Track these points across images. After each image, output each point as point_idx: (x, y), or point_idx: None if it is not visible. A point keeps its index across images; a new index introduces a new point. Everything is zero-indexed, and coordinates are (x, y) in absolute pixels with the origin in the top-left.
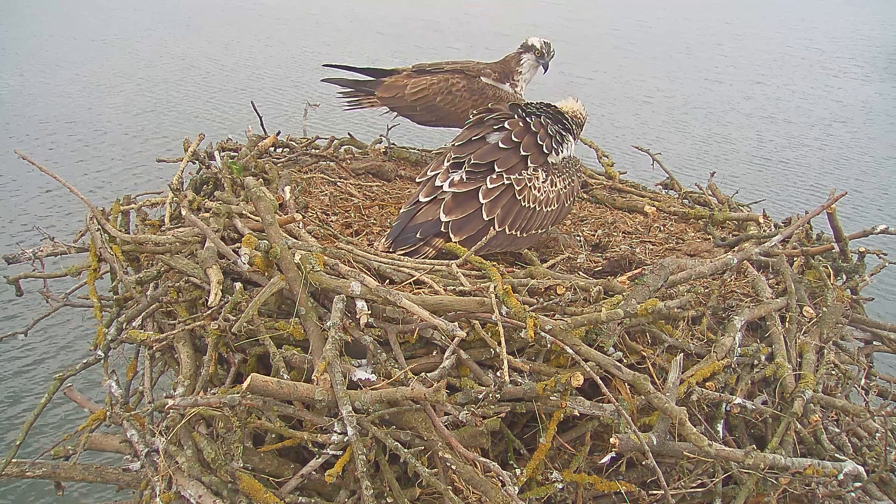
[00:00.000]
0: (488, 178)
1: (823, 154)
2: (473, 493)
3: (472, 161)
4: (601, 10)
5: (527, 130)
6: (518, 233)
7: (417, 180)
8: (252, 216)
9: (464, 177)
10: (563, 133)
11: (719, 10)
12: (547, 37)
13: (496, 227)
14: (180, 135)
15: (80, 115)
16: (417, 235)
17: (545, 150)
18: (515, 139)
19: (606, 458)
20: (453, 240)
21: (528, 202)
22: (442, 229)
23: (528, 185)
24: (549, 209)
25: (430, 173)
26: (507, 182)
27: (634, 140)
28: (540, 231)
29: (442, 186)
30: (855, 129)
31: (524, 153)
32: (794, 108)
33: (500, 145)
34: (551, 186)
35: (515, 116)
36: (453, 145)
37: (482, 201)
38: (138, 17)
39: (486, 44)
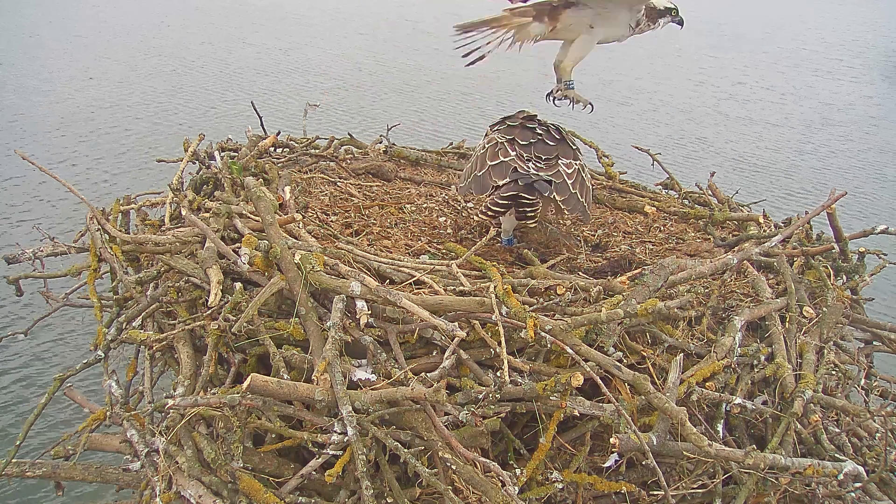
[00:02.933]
0: (560, 162)
1: (807, 157)
2: (473, 493)
3: (537, 154)
4: None
5: (558, 131)
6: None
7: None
8: (252, 216)
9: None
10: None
11: (713, 11)
12: None
13: (579, 195)
14: (178, 135)
15: (78, 115)
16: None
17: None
18: (557, 136)
19: (610, 461)
20: (557, 199)
21: (588, 182)
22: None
23: (585, 170)
24: (589, 200)
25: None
26: (577, 165)
27: (630, 142)
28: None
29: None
30: (843, 131)
31: (572, 146)
32: (780, 110)
33: (548, 142)
34: (588, 181)
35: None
36: (505, 139)
37: (566, 170)
38: (136, 14)
39: None
